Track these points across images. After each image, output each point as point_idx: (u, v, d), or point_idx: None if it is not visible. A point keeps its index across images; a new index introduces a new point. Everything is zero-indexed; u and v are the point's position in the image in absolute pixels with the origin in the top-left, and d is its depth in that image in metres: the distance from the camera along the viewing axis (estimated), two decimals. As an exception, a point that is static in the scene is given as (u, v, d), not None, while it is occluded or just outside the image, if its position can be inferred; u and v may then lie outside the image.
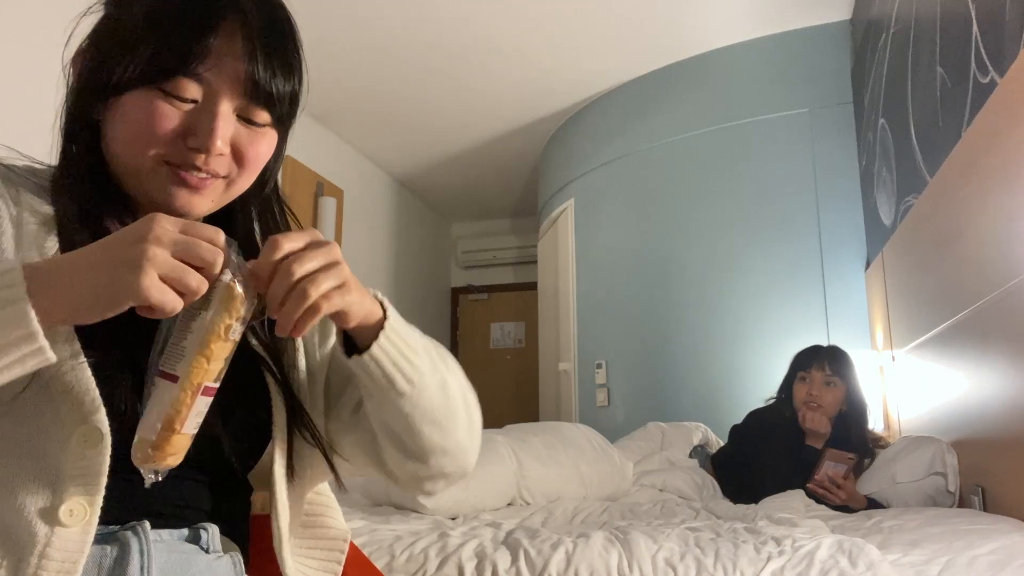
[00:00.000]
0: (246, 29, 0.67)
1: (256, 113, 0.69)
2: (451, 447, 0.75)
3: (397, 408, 0.71)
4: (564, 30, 3.48)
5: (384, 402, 0.71)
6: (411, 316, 0.97)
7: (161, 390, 0.58)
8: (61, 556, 0.58)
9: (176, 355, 0.59)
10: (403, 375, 0.69)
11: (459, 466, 0.78)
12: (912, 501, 1.83)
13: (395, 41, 3.56)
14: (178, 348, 0.59)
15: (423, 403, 0.71)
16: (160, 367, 0.59)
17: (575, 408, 4.07)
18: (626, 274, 3.81)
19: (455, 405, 0.75)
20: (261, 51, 0.67)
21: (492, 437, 1.93)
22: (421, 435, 0.73)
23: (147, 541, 0.64)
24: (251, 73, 0.67)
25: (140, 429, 0.59)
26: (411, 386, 0.70)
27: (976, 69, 1.74)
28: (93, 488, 0.59)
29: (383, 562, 1.25)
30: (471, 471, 0.81)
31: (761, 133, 3.43)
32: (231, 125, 0.68)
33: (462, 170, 5.26)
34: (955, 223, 1.84)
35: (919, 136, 2.26)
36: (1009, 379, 1.51)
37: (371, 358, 0.67)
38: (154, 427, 0.58)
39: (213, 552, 0.70)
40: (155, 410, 0.58)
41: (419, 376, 0.70)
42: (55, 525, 0.58)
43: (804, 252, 3.22)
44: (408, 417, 0.71)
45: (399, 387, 0.69)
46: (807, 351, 2.32)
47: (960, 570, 1.19)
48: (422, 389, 0.71)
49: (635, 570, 1.21)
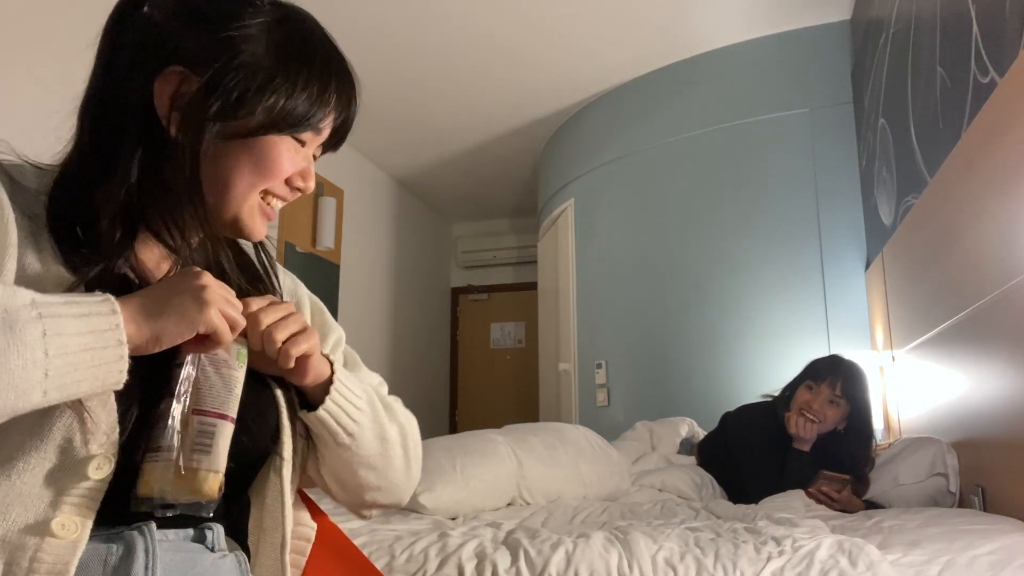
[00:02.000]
0: (354, 84, 0.78)
1: (320, 149, 0.81)
2: (384, 486, 0.86)
3: (337, 455, 0.81)
4: (564, 30, 3.48)
5: (327, 449, 0.81)
6: (411, 316, 0.97)
7: (225, 430, 0.64)
8: (52, 559, 0.59)
9: (228, 400, 0.65)
10: (345, 430, 0.79)
11: (392, 500, 0.89)
12: (914, 502, 1.83)
13: (395, 41, 3.56)
14: (229, 393, 0.65)
15: (361, 452, 0.82)
16: (215, 409, 0.64)
17: (575, 408, 4.07)
18: (626, 274, 3.81)
19: (392, 452, 0.85)
20: (355, 104, 0.79)
21: (492, 437, 1.93)
22: (357, 476, 0.84)
23: (152, 540, 0.64)
24: (346, 121, 0.79)
25: (209, 463, 0.63)
26: (351, 439, 0.80)
27: (976, 69, 1.74)
28: (87, 511, 0.61)
29: (383, 562, 1.25)
30: (406, 502, 0.93)
31: (761, 133, 3.43)
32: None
33: (462, 170, 5.26)
34: (955, 223, 1.84)
35: (919, 136, 2.26)
36: (1009, 379, 1.51)
37: (318, 417, 0.77)
38: (224, 462, 0.64)
39: (218, 551, 0.70)
40: (223, 447, 0.64)
41: (359, 430, 0.81)
42: (46, 536, 0.59)
43: (804, 252, 3.22)
44: (347, 463, 0.82)
45: (340, 440, 0.79)
46: (826, 362, 2.23)
47: (960, 570, 1.19)
48: (361, 440, 0.81)
49: (635, 570, 1.21)
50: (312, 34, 0.75)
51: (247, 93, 0.70)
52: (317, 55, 0.74)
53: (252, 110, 0.70)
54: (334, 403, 0.78)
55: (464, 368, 6.35)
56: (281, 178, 0.75)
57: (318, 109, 0.74)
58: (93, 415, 0.60)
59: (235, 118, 0.70)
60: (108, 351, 0.57)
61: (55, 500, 0.60)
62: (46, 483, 0.60)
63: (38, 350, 0.53)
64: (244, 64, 0.70)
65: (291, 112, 0.72)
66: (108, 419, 0.61)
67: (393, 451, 0.85)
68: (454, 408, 6.27)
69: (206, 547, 0.70)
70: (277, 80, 0.71)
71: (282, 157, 0.73)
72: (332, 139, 0.79)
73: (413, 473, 0.90)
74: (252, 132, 0.71)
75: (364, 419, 0.81)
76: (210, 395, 0.64)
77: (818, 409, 2.12)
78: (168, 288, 0.63)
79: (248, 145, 0.72)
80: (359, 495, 0.86)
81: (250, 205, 0.74)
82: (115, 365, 0.58)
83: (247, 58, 0.70)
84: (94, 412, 0.61)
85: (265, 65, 0.71)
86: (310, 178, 0.78)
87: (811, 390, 2.16)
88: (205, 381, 0.65)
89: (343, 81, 0.76)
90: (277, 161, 0.73)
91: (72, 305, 0.57)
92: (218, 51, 0.70)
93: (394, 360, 5.27)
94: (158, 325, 0.61)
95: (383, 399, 0.88)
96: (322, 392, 0.77)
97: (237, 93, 0.70)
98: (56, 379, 0.55)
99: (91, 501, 0.61)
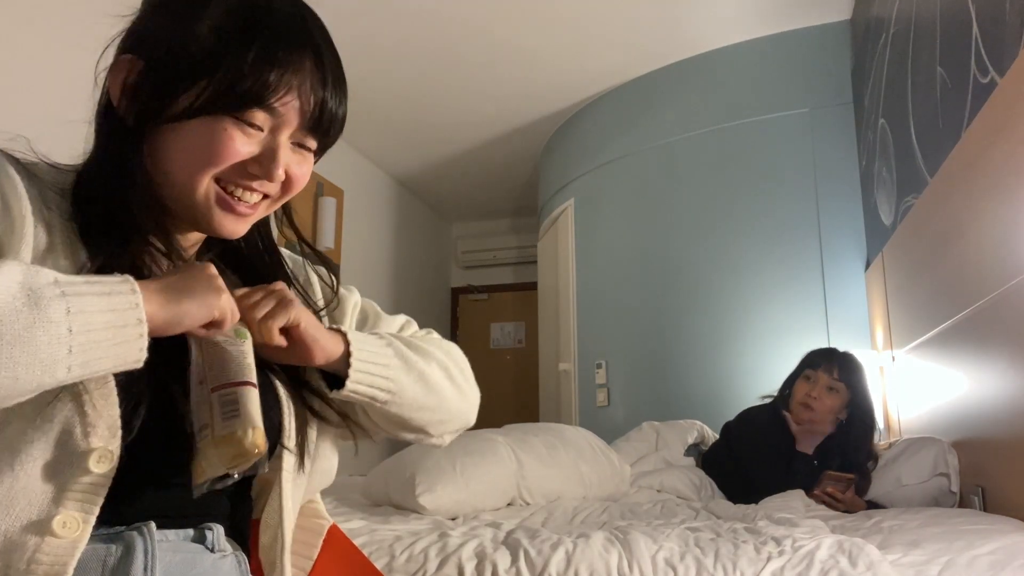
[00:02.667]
0: (320, 65, 0.71)
1: (309, 140, 0.74)
2: (446, 418, 0.87)
3: (385, 412, 0.81)
4: (564, 30, 3.48)
5: (373, 410, 0.81)
6: (411, 316, 0.97)
7: (248, 395, 0.66)
8: (50, 560, 0.59)
9: (243, 369, 0.67)
10: (381, 389, 0.79)
11: (459, 425, 0.90)
12: (917, 503, 1.83)
13: (395, 42, 3.56)
14: (242, 364, 0.67)
15: (407, 400, 0.81)
16: (231, 380, 0.66)
17: (575, 408, 4.07)
18: (626, 274, 3.81)
19: (440, 387, 0.85)
20: (332, 85, 0.73)
21: (492, 437, 1.93)
22: (414, 420, 0.84)
23: (152, 541, 0.64)
24: (322, 105, 0.72)
25: (242, 422, 0.65)
26: (390, 395, 0.80)
27: (976, 69, 1.74)
28: (90, 506, 0.61)
29: (383, 562, 1.25)
30: (473, 422, 0.93)
31: (761, 133, 3.43)
32: (288, 152, 0.73)
33: (462, 170, 5.26)
34: (955, 223, 1.84)
35: (919, 136, 2.26)
36: (1009, 379, 1.51)
37: (349, 391, 0.77)
38: (259, 417, 0.66)
39: (218, 551, 0.70)
40: (251, 407, 0.66)
41: (395, 384, 0.80)
42: (46, 535, 0.59)
43: (804, 252, 3.22)
44: (397, 415, 0.82)
45: (381, 399, 0.79)
46: (820, 351, 2.25)
47: (960, 570, 1.19)
48: (401, 392, 0.80)
49: (635, 570, 1.21)
50: (271, 9, 0.70)
51: (182, 73, 0.67)
52: (266, 29, 0.68)
53: (188, 90, 0.67)
54: (359, 371, 0.76)
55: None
56: (227, 162, 0.69)
57: (261, 87, 0.67)
58: (95, 404, 0.61)
59: (173, 99, 0.67)
60: (129, 329, 0.57)
61: (57, 495, 0.60)
62: (48, 476, 0.60)
63: (62, 326, 0.54)
64: (183, 44, 0.67)
65: (229, 90, 0.67)
66: (110, 411, 0.61)
67: (441, 386, 0.85)
68: (454, 408, 6.26)
69: (206, 547, 0.70)
70: (215, 57, 0.67)
71: (226, 140, 0.68)
72: (316, 126, 0.73)
73: (470, 397, 0.90)
74: (188, 113, 0.67)
75: (396, 373, 0.80)
76: (225, 370, 0.66)
77: (817, 396, 2.12)
78: (183, 275, 0.64)
79: (189, 128, 0.68)
80: (427, 431, 0.86)
81: (202, 194, 0.70)
82: (136, 343, 0.58)
83: (188, 38, 0.67)
84: (96, 402, 0.61)
85: (206, 44, 0.67)
86: (271, 164, 0.70)
87: (809, 380, 2.17)
88: (216, 359, 0.67)
89: (297, 57, 0.69)
90: (219, 144, 0.68)
91: (94, 284, 0.57)
92: (163, 34, 0.69)
93: (394, 360, 5.26)
94: (180, 308, 0.62)
95: (411, 342, 0.85)
96: (344, 366, 0.76)
97: (172, 72, 0.67)
98: (80, 355, 0.55)
99: (93, 496, 0.61)
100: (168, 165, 0.70)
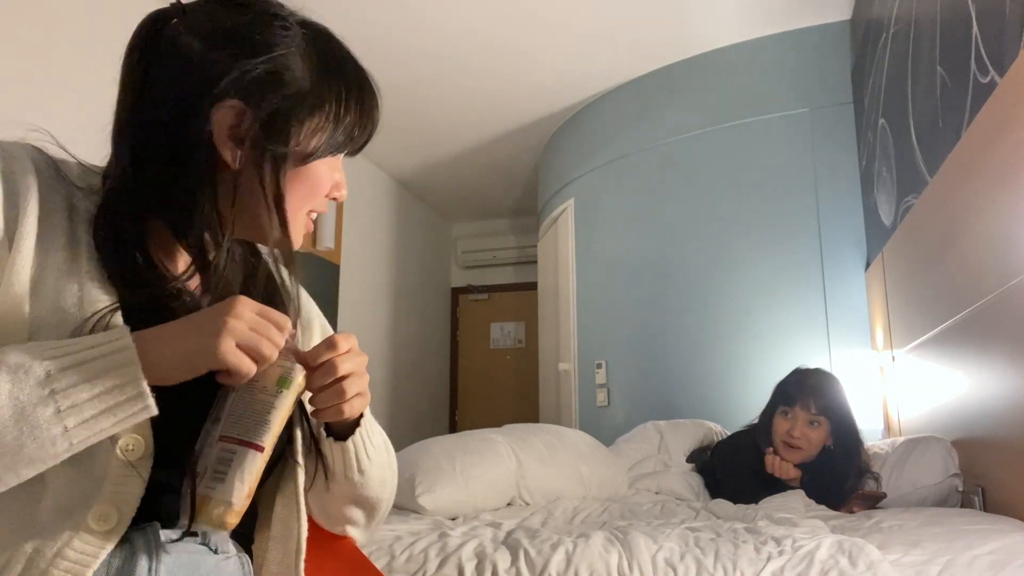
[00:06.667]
0: (378, 97, 0.80)
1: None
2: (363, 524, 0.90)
3: (340, 488, 0.83)
4: (564, 30, 3.48)
5: (333, 481, 0.82)
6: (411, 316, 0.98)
7: (246, 458, 0.63)
8: (75, 558, 0.60)
9: (258, 427, 0.64)
10: (359, 466, 0.82)
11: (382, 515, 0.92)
12: (931, 504, 1.80)
13: (394, 41, 3.56)
14: (260, 421, 0.64)
15: (362, 491, 0.84)
16: (239, 436, 0.63)
17: (575, 408, 4.07)
18: (626, 274, 3.81)
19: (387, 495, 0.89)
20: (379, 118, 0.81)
21: (492, 437, 1.93)
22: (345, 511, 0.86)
23: (156, 542, 0.65)
24: (375, 130, 0.81)
25: (221, 492, 0.62)
26: (361, 475, 0.82)
27: (976, 69, 1.74)
28: (127, 505, 0.63)
29: (383, 562, 1.25)
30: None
31: (761, 133, 3.43)
32: None
33: (462, 170, 5.26)
34: (955, 223, 1.84)
35: (919, 136, 2.26)
36: (1009, 379, 1.51)
37: (345, 447, 0.79)
38: (240, 493, 0.63)
39: (222, 553, 0.70)
40: (240, 476, 0.63)
41: (370, 467, 0.83)
42: (80, 529, 0.60)
43: (804, 252, 3.22)
44: (344, 496, 0.84)
45: (350, 475, 0.81)
46: (791, 383, 2.12)
47: (960, 570, 1.19)
48: (368, 479, 0.83)
49: (635, 570, 1.21)
50: (342, 53, 0.77)
51: (300, 122, 0.72)
52: (350, 74, 0.76)
53: (304, 137, 0.72)
54: (360, 436, 0.80)
55: (464, 368, 6.35)
56: (323, 195, 0.78)
57: (363, 129, 0.77)
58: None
59: (289, 146, 0.72)
60: (129, 404, 0.59)
61: (94, 489, 0.62)
62: (86, 471, 0.62)
63: (55, 427, 0.56)
64: (292, 94, 0.71)
65: (339, 134, 0.75)
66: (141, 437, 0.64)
67: (389, 495, 0.89)
68: (454, 408, 6.27)
69: (210, 549, 0.70)
70: (325, 107, 0.73)
71: (324, 176, 0.77)
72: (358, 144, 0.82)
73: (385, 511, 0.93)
74: (308, 158, 0.73)
75: (378, 457, 0.84)
76: (240, 422, 0.64)
77: (800, 436, 2.03)
78: (187, 326, 0.64)
79: (310, 173, 0.75)
80: (338, 525, 0.89)
81: (298, 223, 0.77)
82: (139, 414, 0.60)
83: (293, 87, 0.72)
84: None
85: (310, 90, 0.72)
86: (344, 187, 0.82)
87: (787, 416, 2.07)
88: (238, 404, 0.65)
89: (375, 96, 0.79)
90: (321, 181, 0.77)
91: (88, 366, 0.58)
92: (267, 82, 0.70)
93: (394, 360, 5.27)
94: (189, 363, 0.62)
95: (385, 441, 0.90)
96: (350, 427, 0.80)
97: (292, 123, 0.71)
98: (82, 438, 0.58)
99: (131, 498, 0.63)
100: (280, 200, 0.72)
